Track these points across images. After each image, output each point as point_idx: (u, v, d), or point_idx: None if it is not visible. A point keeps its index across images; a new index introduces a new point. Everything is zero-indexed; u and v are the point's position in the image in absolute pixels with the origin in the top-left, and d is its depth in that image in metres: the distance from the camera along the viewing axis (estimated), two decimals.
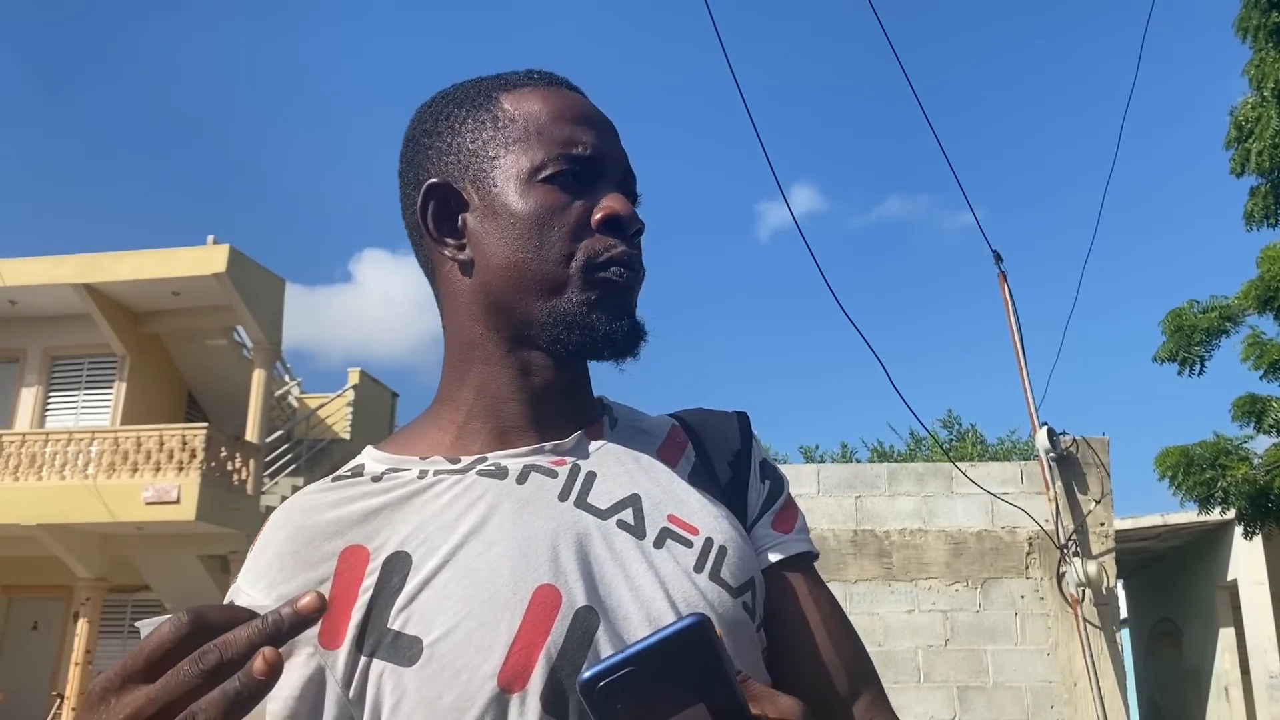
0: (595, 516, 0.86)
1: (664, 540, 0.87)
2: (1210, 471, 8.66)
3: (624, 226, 0.90)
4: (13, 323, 16.23)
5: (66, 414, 16.12)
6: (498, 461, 0.88)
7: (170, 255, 15.00)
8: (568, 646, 0.78)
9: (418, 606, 0.79)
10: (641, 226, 0.91)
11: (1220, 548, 13.24)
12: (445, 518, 0.83)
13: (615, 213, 0.89)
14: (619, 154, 0.94)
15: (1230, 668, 13.28)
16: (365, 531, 0.83)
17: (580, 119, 0.92)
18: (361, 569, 0.81)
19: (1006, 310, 7.56)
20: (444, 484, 0.86)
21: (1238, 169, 9.02)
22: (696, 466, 0.96)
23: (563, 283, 0.88)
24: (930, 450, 19.36)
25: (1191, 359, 9.13)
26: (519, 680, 0.76)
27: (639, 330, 0.90)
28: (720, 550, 0.88)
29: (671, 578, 0.85)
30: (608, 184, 0.91)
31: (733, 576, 0.87)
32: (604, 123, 0.94)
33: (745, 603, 0.87)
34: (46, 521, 13.43)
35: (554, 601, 0.79)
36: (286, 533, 0.83)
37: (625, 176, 0.94)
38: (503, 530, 0.83)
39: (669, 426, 1.00)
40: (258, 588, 0.81)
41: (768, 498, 0.98)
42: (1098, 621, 6.60)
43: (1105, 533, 6.81)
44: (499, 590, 0.79)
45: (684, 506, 0.91)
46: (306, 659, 0.78)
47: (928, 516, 6.95)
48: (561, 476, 0.88)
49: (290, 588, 0.80)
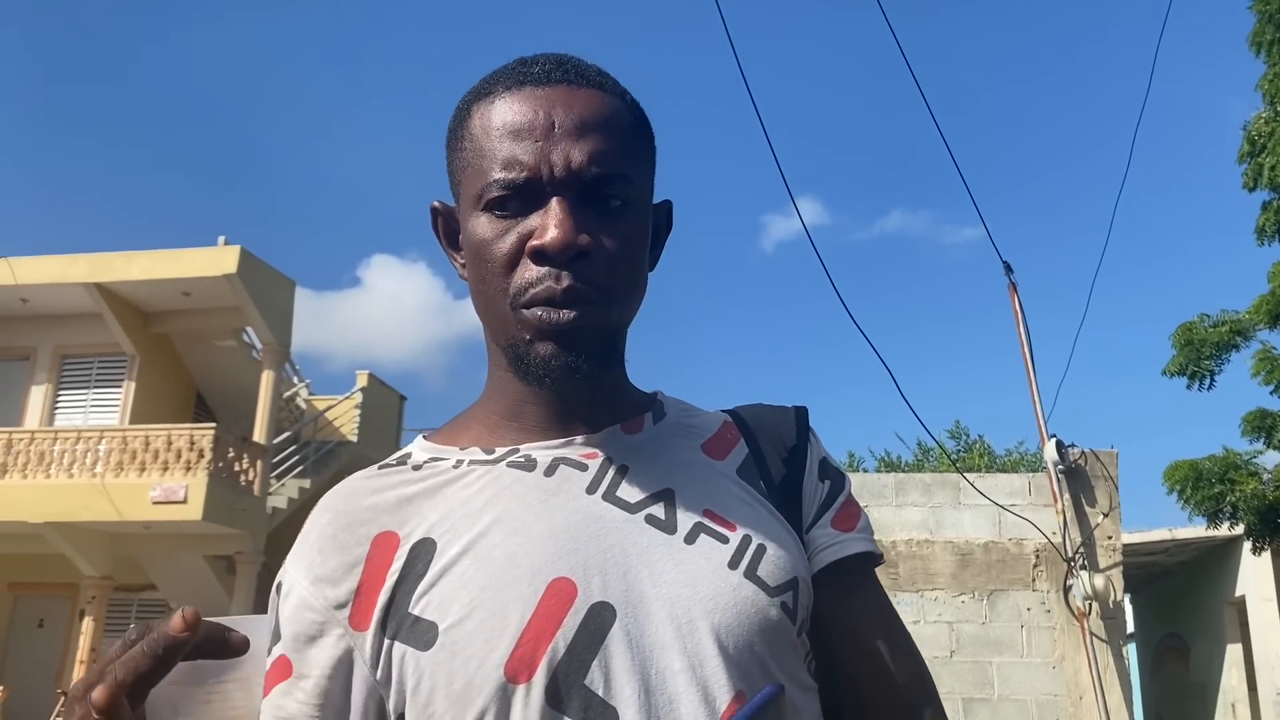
0: (623, 510, 0.84)
1: (696, 536, 0.84)
2: (1219, 486, 8.63)
3: (550, 257, 0.82)
4: (24, 321, 16.29)
5: (76, 412, 16.16)
6: (529, 453, 0.88)
7: (181, 256, 15.05)
8: (577, 641, 0.77)
9: (436, 593, 0.80)
10: (584, 248, 0.82)
11: (1228, 563, 13.18)
12: (471, 506, 0.84)
13: (540, 242, 0.82)
14: (573, 157, 0.83)
15: (1237, 684, 13.22)
16: (398, 518, 0.84)
17: (524, 129, 0.84)
18: (391, 554, 0.82)
19: (1016, 322, 7.54)
20: (475, 474, 0.87)
21: (1250, 184, 9.00)
22: (747, 461, 0.93)
23: (505, 319, 0.85)
24: (938, 461, 19.31)
25: (1201, 373, 9.11)
26: (525, 671, 0.76)
27: (579, 370, 0.83)
28: (759, 548, 0.85)
29: (701, 574, 0.82)
30: (554, 198, 0.83)
31: (770, 575, 0.84)
32: (564, 121, 0.85)
33: (785, 603, 0.83)
34: (54, 519, 13.46)
35: (569, 594, 0.79)
36: (329, 517, 0.86)
37: (582, 182, 0.84)
38: (525, 521, 0.83)
39: (721, 422, 0.97)
40: (299, 568, 0.84)
41: (827, 497, 0.94)
42: (1104, 635, 6.57)
43: (1113, 546, 6.79)
44: (514, 580, 0.79)
45: (722, 502, 0.88)
46: (337, 640, 0.81)
47: (935, 527, 6.93)
48: (591, 469, 0.87)
49: (327, 569, 0.83)
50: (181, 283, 15.02)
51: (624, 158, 0.87)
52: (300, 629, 0.81)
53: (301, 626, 0.81)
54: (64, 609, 15.77)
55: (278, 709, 0.79)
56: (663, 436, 0.93)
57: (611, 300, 0.85)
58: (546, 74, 0.88)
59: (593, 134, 0.85)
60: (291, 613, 0.82)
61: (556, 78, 0.88)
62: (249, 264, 14.81)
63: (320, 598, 0.82)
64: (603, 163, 0.84)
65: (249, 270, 14.80)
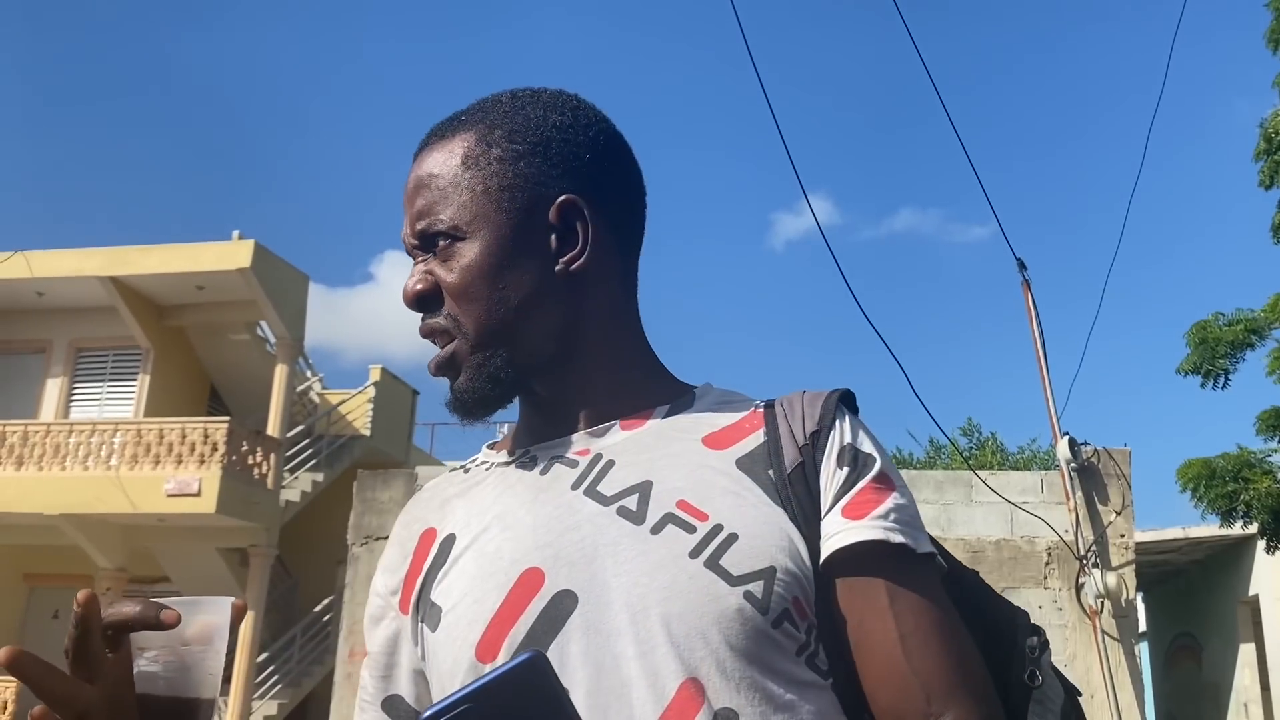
0: (598, 503, 0.88)
1: (663, 526, 0.85)
2: (1233, 484, 8.58)
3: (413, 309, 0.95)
4: (40, 314, 16.38)
5: (91, 405, 16.25)
6: (534, 454, 0.96)
7: (196, 250, 15.11)
8: (537, 626, 0.84)
9: (447, 581, 0.91)
10: (422, 297, 0.94)
11: (1242, 562, 13.12)
12: (483, 505, 0.94)
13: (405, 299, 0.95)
14: (414, 219, 0.95)
15: (1250, 684, 13.16)
16: (440, 515, 0.96)
17: (404, 200, 0.97)
18: (429, 547, 0.95)
19: (1030, 319, 7.51)
20: (495, 475, 0.97)
21: (1266, 181, 8.94)
22: (758, 451, 0.91)
23: None
24: (950, 459, 19.26)
25: (1216, 372, 9.05)
26: (490, 651, 0.84)
27: (465, 398, 0.93)
28: (729, 537, 0.84)
29: (659, 564, 0.83)
30: (414, 259, 0.96)
31: (735, 564, 0.82)
32: (410, 188, 0.96)
33: (749, 592, 0.81)
34: (69, 511, 13.54)
35: (536, 583, 0.85)
36: (402, 516, 1.01)
37: (419, 241, 0.95)
38: (517, 517, 0.90)
39: (746, 412, 0.95)
40: (380, 560, 0.99)
41: (843, 484, 0.89)
42: (1116, 634, 6.55)
43: (1125, 544, 6.77)
44: (495, 570, 0.87)
45: (702, 493, 0.87)
46: (391, 621, 0.96)
47: (946, 524, 6.92)
48: (580, 465, 0.92)
49: (390, 560, 0.98)
50: (196, 277, 15.08)
51: (443, 203, 0.93)
52: (371, 611, 0.98)
53: (372, 609, 0.98)
54: None
55: (361, 686, 0.97)
56: (665, 429, 0.93)
57: (464, 329, 0.93)
58: (425, 140, 0.98)
59: (420, 194, 0.95)
60: (370, 598, 0.98)
61: (421, 146, 0.98)
62: (263, 258, 14.85)
63: (383, 584, 0.97)
64: (421, 218, 0.94)
65: (263, 264, 14.85)
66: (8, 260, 15.31)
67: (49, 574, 15.99)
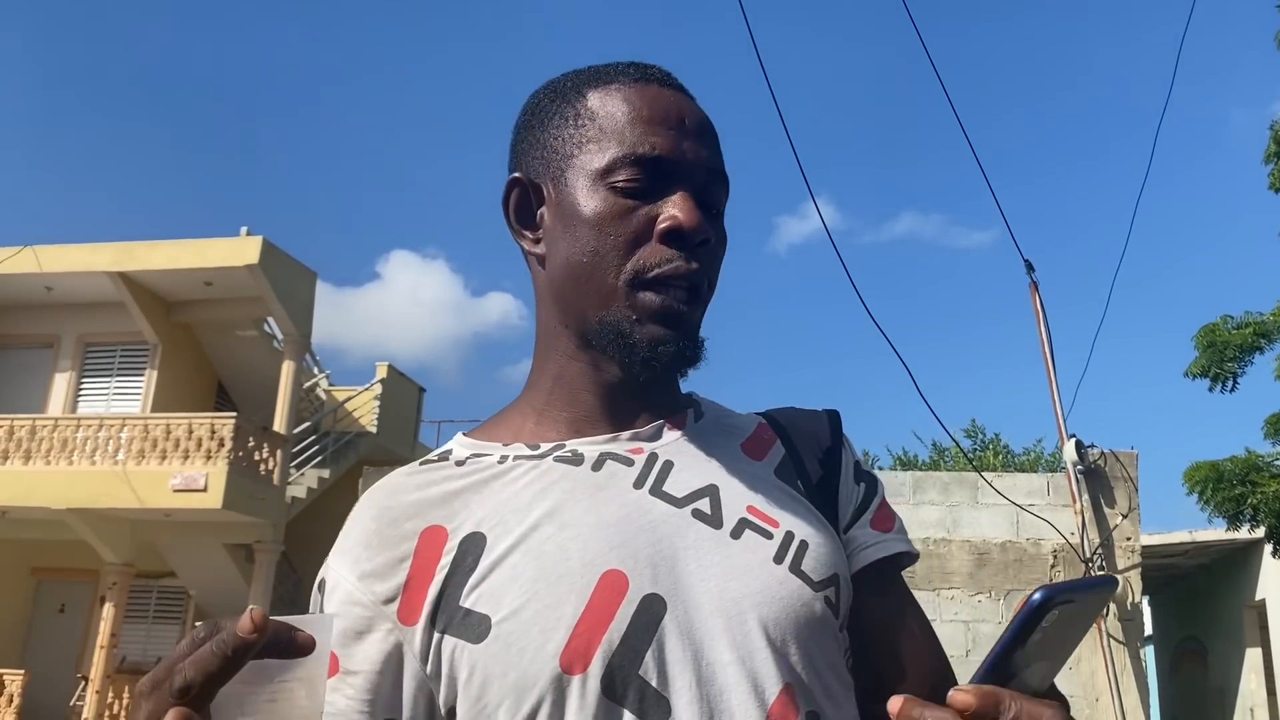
0: (670, 504, 0.85)
1: (742, 531, 0.85)
2: (1240, 488, 8.55)
3: (685, 238, 0.85)
4: (48, 309, 16.43)
5: (98, 400, 16.30)
6: (575, 449, 0.89)
7: (204, 245, 15.14)
8: (631, 632, 0.78)
9: (488, 586, 0.80)
10: (709, 237, 0.86)
11: (1248, 566, 13.09)
12: (520, 501, 0.85)
13: (676, 223, 0.85)
14: (701, 155, 0.88)
15: (1256, 688, 13.13)
16: (445, 512, 0.85)
17: (658, 118, 0.88)
18: (439, 548, 0.83)
19: (1037, 320, 7.50)
20: (522, 469, 0.87)
21: (1276, 184, 8.91)
22: (785, 462, 0.94)
23: (612, 293, 0.86)
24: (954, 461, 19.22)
25: (1224, 375, 9.02)
26: (580, 662, 0.76)
27: (684, 354, 0.87)
28: (801, 544, 0.86)
29: (747, 568, 0.83)
30: (681, 188, 0.86)
31: (814, 570, 0.85)
32: (690, 121, 0.89)
33: (828, 598, 0.85)
34: (76, 506, 13.58)
35: (621, 586, 0.79)
36: (372, 513, 0.86)
37: (707, 179, 0.88)
38: (575, 515, 0.83)
39: (756, 423, 0.98)
40: (344, 564, 0.84)
41: (863, 499, 0.96)
42: (1122, 637, 6.54)
43: (1131, 547, 6.75)
44: (567, 572, 0.80)
45: (765, 499, 0.88)
46: (385, 634, 0.81)
47: (952, 526, 6.91)
48: (638, 464, 0.88)
49: (373, 565, 0.83)
50: (204, 272, 15.11)
51: (725, 168, 0.91)
52: (348, 625, 0.82)
53: (349, 622, 0.82)
54: (85, 595, 15.93)
55: (327, 705, 0.79)
56: (704, 434, 0.93)
57: (710, 295, 0.90)
58: (666, 78, 0.92)
59: (710, 140, 0.91)
60: (337, 609, 0.82)
61: (674, 84, 0.92)
62: (271, 254, 14.88)
63: (368, 593, 0.82)
64: (718, 164, 0.90)
65: (271, 261, 14.87)
66: (16, 255, 15.36)
67: (56, 568, 16.04)
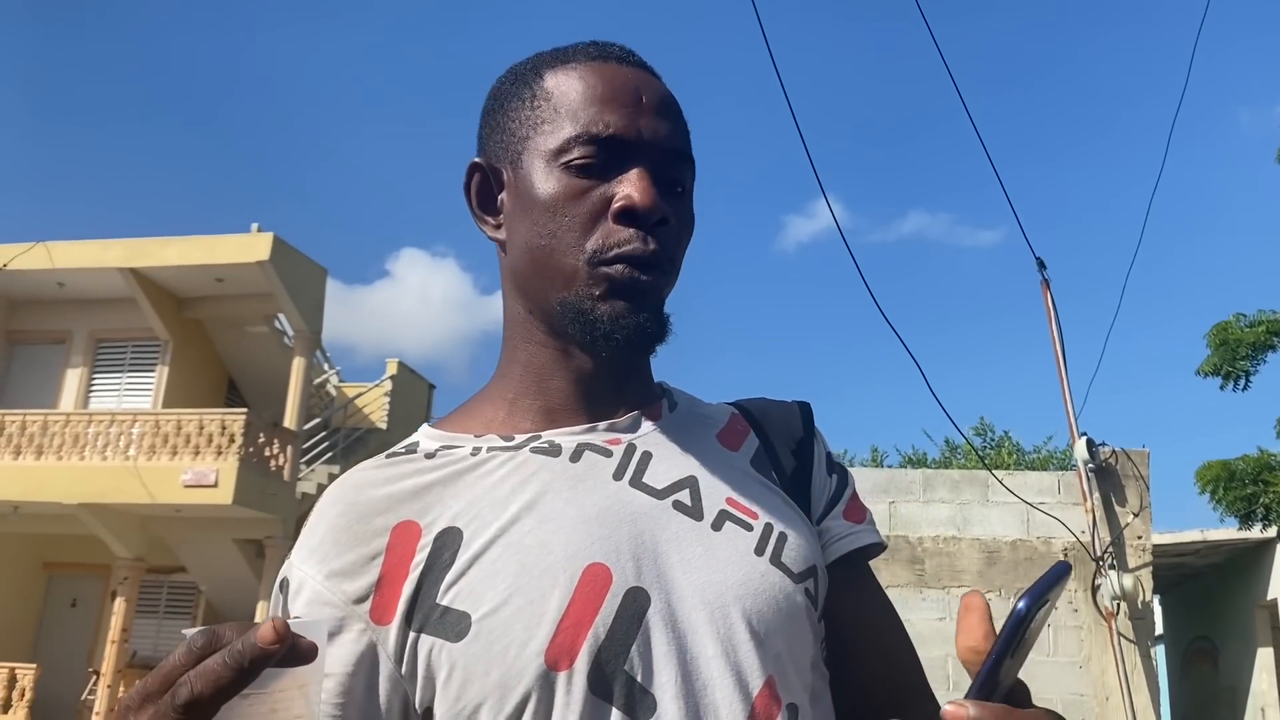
0: (651, 496, 0.84)
1: (722, 523, 0.84)
2: (1252, 487, 8.53)
3: (641, 217, 0.83)
4: (60, 305, 16.51)
5: (110, 396, 16.37)
6: (551, 439, 0.86)
7: (215, 242, 15.19)
8: (616, 626, 0.77)
9: (466, 582, 0.78)
10: (666, 216, 0.84)
11: (1260, 565, 13.02)
12: (498, 494, 0.82)
13: (630, 202, 0.83)
14: (661, 132, 0.86)
15: (1268, 688, 13.06)
16: (418, 507, 0.82)
17: (613, 96, 0.86)
18: (413, 544, 0.80)
19: (1049, 318, 7.47)
20: (496, 460, 0.85)
21: None
22: (759, 453, 0.94)
23: (573, 274, 0.84)
24: (965, 458, 19.18)
25: (1236, 373, 8.99)
26: (566, 658, 0.75)
27: (646, 329, 0.84)
28: (781, 536, 0.86)
29: (729, 560, 0.82)
30: (638, 165, 0.84)
31: (794, 562, 0.85)
32: (649, 98, 0.87)
33: (808, 589, 0.85)
34: (87, 501, 13.65)
35: (604, 580, 0.78)
36: (339, 509, 0.82)
37: (664, 158, 0.86)
38: (555, 508, 0.81)
39: (729, 414, 0.97)
40: (310, 563, 0.80)
41: (836, 490, 0.96)
42: (1132, 636, 6.51)
43: (1143, 546, 6.73)
44: (549, 567, 0.78)
45: (743, 491, 0.88)
46: (358, 635, 0.78)
47: (962, 524, 6.89)
48: (616, 456, 0.86)
49: (342, 563, 0.80)
50: (215, 269, 15.17)
51: (687, 143, 0.90)
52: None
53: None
54: (96, 589, 16.00)
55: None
56: (680, 425, 0.92)
57: (673, 274, 0.88)
58: (626, 56, 0.90)
59: (672, 117, 0.89)
60: (304, 610, 0.79)
61: (635, 61, 0.90)
62: (282, 251, 14.92)
63: (337, 592, 0.79)
64: (679, 142, 0.88)
65: (281, 257, 14.91)
66: (29, 251, 15.43)
67: (67, 563, 16.12)
